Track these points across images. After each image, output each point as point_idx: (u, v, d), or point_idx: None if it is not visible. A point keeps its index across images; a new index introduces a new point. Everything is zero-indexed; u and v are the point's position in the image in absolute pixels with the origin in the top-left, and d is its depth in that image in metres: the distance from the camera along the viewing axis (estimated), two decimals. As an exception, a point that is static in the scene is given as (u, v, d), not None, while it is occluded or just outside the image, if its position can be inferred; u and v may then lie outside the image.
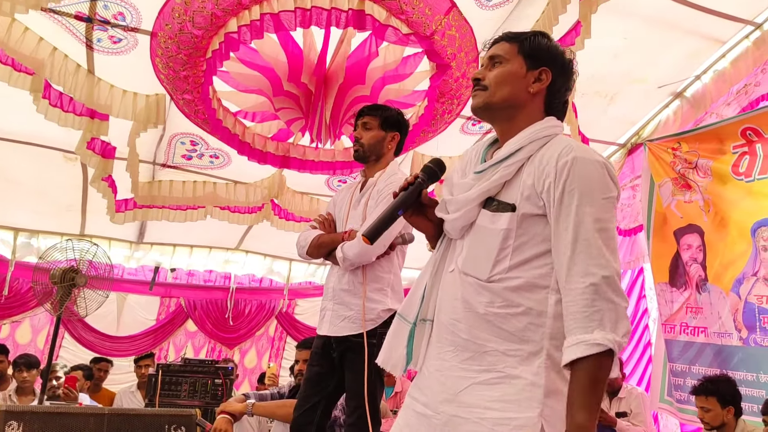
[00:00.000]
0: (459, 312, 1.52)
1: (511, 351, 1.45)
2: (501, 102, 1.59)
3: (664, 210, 4.63)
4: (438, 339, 1.57)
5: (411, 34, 3.67)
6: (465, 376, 1.48)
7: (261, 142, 4.63)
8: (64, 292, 4.36)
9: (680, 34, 4.28)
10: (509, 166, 1.52)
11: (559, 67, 1.63)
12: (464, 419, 1.45)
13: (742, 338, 3.96)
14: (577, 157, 1.44)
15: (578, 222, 1.41)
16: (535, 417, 1.39)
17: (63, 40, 3.80)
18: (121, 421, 3.36)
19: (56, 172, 5.35)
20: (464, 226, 1.58)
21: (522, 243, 1.47)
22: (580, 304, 1.37)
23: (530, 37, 1.63)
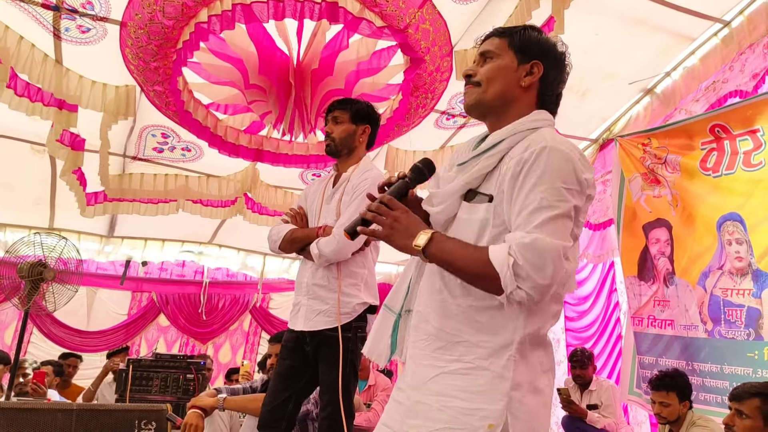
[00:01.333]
0: (435, 302, 1.53)
1: (482, 342, 1.46)
2: (493, 98, 1.58)
3: (633, 205, 4.68)
4: (415, 328, 1.58)
5: (385, 27, 3.66)
6: (435, 364, 1.49)
7: (233, 135, 4.59)
8: (31, 287, 4.27)
9: (650, 31, 4.34)
10: (489, 158, 1.51)
11: (552, 60, 1.61)
12: (427, 405, 1.46)
13: (707, 330, 4.03)
14: (546, 146, 1.42)
15: (529, 200, 1.39)
16: (500, 409, 1.40)
17: (30, 29, 3.72)
18: (90, 417, 3.30)
19: (23, 164, 5.25)
20: (447, 219, 1.58)
21: (499, 233, 1.46)
22: (523, 242, 1.35)
23: (520, 31, 1.62)
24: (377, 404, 4.88)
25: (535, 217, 1.37)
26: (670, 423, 3.65)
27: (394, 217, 1.50)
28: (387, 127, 4.42)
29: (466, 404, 1.42)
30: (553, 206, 1.38)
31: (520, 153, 1.44)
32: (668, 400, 3.61)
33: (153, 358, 4.43)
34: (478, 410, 1.41)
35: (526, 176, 1.41)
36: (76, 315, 6.85)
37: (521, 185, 1.41)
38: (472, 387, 1.43)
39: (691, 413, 3.61)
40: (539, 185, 1.39)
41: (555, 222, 1.38)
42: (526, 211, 1.39)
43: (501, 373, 1.43)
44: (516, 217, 1.41)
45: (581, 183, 1.44)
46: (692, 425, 3.52)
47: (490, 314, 1.46)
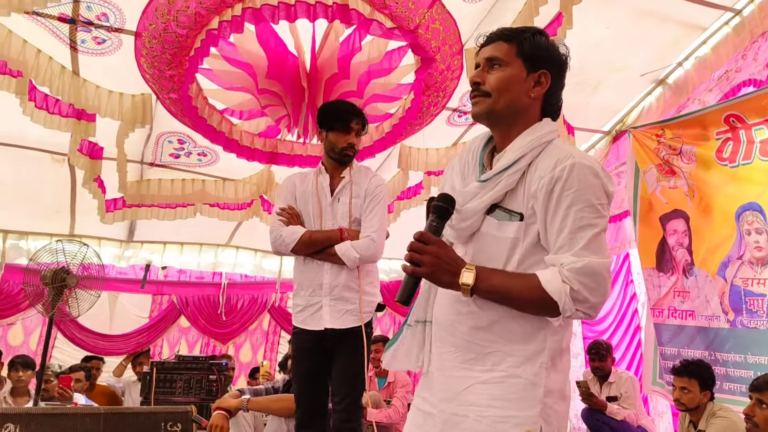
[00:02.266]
0: (461, 314, 1.54)
1: (514, 351, 1.48)
2: (504, 109, 1.57)
3: (649, 196, 4.68)
4: (439, 339, 1.59)
5: (395, 28, 3.68)
6: (467, 375, 1.51)
7: (248, 138, 4.63)
8: (55, 293, 4.37)
9: (661, 22, 4.33)
10: (512, 175, 1.52)
11: (557, 68, 1.62)
12: (464, 417, 1.48)
13: (729, 321, 4.03)
14: (575, 163, 1.45)
15: (571, 225, 1.43)
16: (535, 415, 1.44)
17: (47, 42, 3.79)
18: (117, 420, 3.38)
19: (44, 173, 5.35)
20: (470, 234, 1.59)
21: (528, 251, 1.50)
22: (574, 268, 1.42)
23: (529, 38, 1.59)
24: (397, 401, 4.94)
25: (579, 237, 1.42)
26: (689, 411, 3.67)
27: (434, 254, 1.48)
28: (400, 126, 4.45)
29: (501, 412, 1.45)
30: (593, 224, 1.44)
31: (550, 170, 1.46)
32: (689, 387, 3.63)
33: (176, 360, 4.51)
34: (513, 417, 1.44)
35: (561, 195, 1.44)
36: (98, 319, 6.96)
37: (557, 204, 1.45)
38: (507, 395, 1.46)
39: (712, 404, 3.62)
40: (576, 204, 1.43)
41: (597, 240, 1.43)
42: (568, 231, 1.43)
43: (534, 381, 1.46)
44: (557, 236, 1.45)
45: (609, 196, 1.49)
46: (713, 416, 3.53)
47: (520, 323, 1.49)
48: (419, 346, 1.64)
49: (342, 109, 2.92)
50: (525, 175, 1.52)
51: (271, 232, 2.86)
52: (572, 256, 1.41)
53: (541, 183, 1.47)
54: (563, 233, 1.44)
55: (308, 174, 3.00)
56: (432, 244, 1.49)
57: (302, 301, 2.79)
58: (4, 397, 4.97)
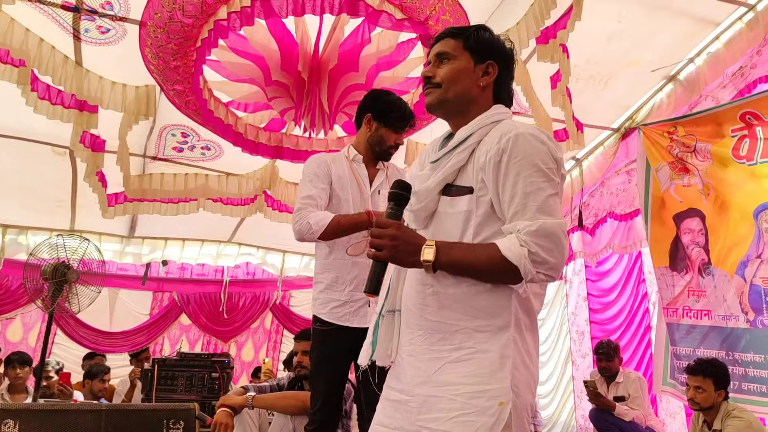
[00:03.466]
0: (427, 296, 1.58)
1: (480, 327, 1.52)
2: (454, 98, 1.66)
3: (662, 194, 4.62)
4: (407, 325, 1.63)
5: (405, 19, 3.61)
6: (437, 356, 1.54)
7: (253, 132, 4.57)
8: (55, 288, 4.30)
9: (673, 16, 4.27)
10: (461, 153, 1.59)
11: (504, 59, 1.72)
12: (439, 397, 1.50)
13: (749, 320, 3.98)
14: (519, 133, 1.52)
15: (522, 191, 1.48)
16: (507, 387, 1.47)
17: (50, 31, 3.71)
18: (120, 417, 3.31)
19: (45, 166, 5.28)
20: (427, 216, 1.64)
21: (482, 222, 1.55)
22: (528, 230, 1.46)
23: (474, 32, 1.70)
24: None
25: (530, 202, 1.47)
26: (703, 410, 3.62)
27: (391, 236, 1.54)
28: (408, 120, 4.39)
29: (474, 388, 1.48)
30: (542, 188, 1.49)
31: (496, 143, 1.53)
32: (704, 386, 3.58)
33: (178, 357, 4.44)
34: (487, 391, 1.47)
35: (509, 163, 1.50)
36: (98, 316, 6.89)
37: (506, 173, 1.50)
38: (478, 370, 1.49)
39: (726, 404, 3.57)
40: (524, 170, 1.49)
41: (549, 202, 1.49)
42: (519, 197, 1.48)
43: (503, 353, 1.49)
44: (509, 204, 1.49)
45: (557, 161, 1.54)
46: (728, 416, 3.47)
47: (484, 298, 1.53)
48: (390, 336, 1.67)
49: (406, 111, 2.76)
50: (474, 152, 1.59)
51: (297, 218, 2.60)
52: (527, 221, 1.46)
53: (488, 156, 1.53)
54: (515, 200, 1.49)
55: (337, 157, 2.81)
56: (389, 227, 1.55)
57: (342, 297, 2.62)
58: (2, 394, 4.92)
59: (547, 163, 1.51)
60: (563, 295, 7.25)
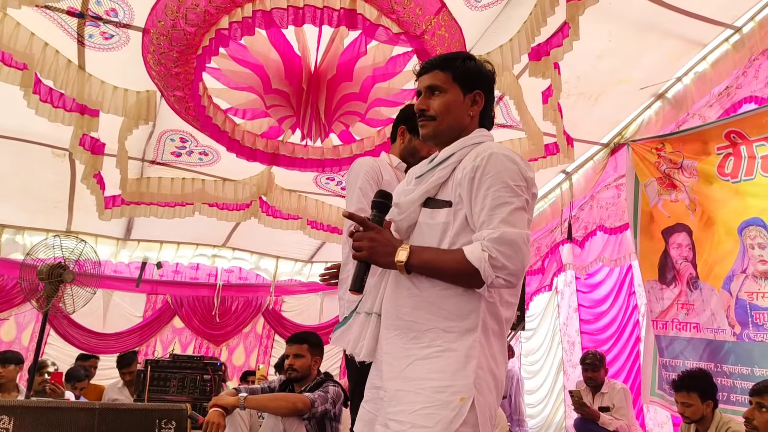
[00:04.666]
0: (404, 297, 1.70)
1: (450, 328, 1.63)
2: (447, 129, 1.80)
3: (650, 209, 4.73)
4: (385, 327, 1.75)
5: (401, 33, 3.72)
6: (408, 354, 1.66)
7: (250, 139, 4.65)
8: (51, 289, 4.34)
9: (662, 36, 4.38)
10: (443, 169, 1.74)
11: (488, 86, 1.86)
12: (406, 391, 1.61)
13: (735, 334, 4.07)
14: (493, 153, 1.66)
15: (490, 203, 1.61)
16: (469, 384, 1.57)
17: (54, 36, 3.79)
18: (113, 416, 3.35)
19: (43, 167, 5.33)
20: (409, 226, 1.77)
21: (458, 233, 1.67)
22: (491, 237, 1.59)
23: (460, 64, 1.82)
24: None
25: (496, 213, 1.60)
26: (695, 422, 3.68)
27: (370, 238, 1.69)
28: (402, 132, 4.47)
29: (438, 383, 1.58)
30: (509, 202, 1.62)
31: (472, 161, 1.67)
32: (689, 401, 3.64)
33: (170, 358, 4.48)
34: (450, 387, 1.57)
35: (481, 179, 1.64)
36: (92, 317, 6.93)
37: (478, 187, 1.64)
38: (443, 367, 1.59)
39: (718, 413, 3.63)
40: (493, 185, 1.62)
41: (513, 214, 1.61)
42: (487, 208, 1.61)
43: (468, 353, 1.60)
44: (479, 215, 1.63)
45: (527, 180, 1.68)
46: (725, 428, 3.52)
47: (455, 301, 1.64)
48: (362, 334, 1.80)
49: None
50: (455, 170, 1.73)
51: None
52: (490, 229, 1.59)
53: (464, 172, 1.67)
54: (484, 211, 1.62)
55: (383, 163, 2.70)
56: (369, 230, 1.71)
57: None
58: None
59: (516, 180, 1.64)
60: (555, 306, 7.34)
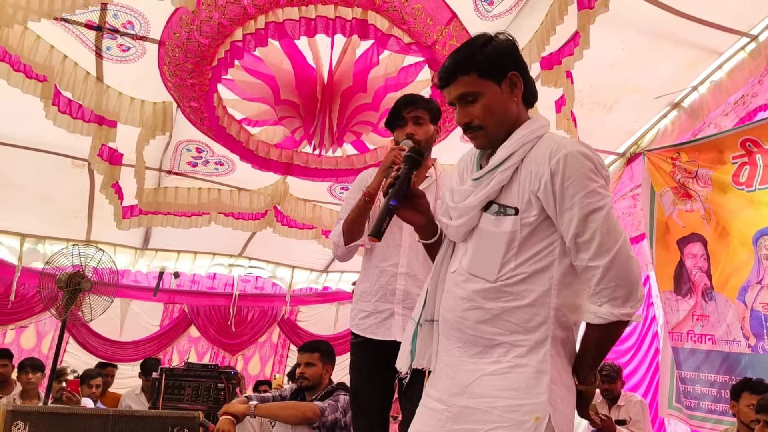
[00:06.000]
0: (466, 310, 1.58)
1: (518, 342, 1.52)
2: (499, 129, 1.62)
3: (666, 219, 4.67)
4: (446, 336, 1.63)
5: (413, 43, 3.75)
6: (474, 369, 1.55)
7: (265, 149, 4.71)
8: (69, 297, 4.41)
9: (676, 45, 4.35)
10: (504, 171, 1.57)
11: (519, 60, 1.66)
12: (474, 409, 1.51)
13: (750, 346, 3.98)
14: (567, 153, 1.52)
15: (579, 213, 1.49)
16: (544, 402, 1.47)
17: (73, 48, 3.89)
18: (126, 423, 3.38)
19: (63, 178, 5.43)
20: (467, 231, 1.64)
21: (525, 242, 1.55)
22: (592, 283, 1.51)
23: (480, 59, 1.60)
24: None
25: (588, 225, 1.48)
26: None
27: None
28: (414, 142, 4.50)
29: (510, 402, 1.48)
30: (598, 207, 1.49)
31: (547, 164, 1.52)
32: None
33: (185, 367, 4.52)
34: (523, 405, 1.47)
35: (563, 187, 1.50)
36: (110, 325, 7.02)
37: (561, 197, 1.51)
38: (514, 384, 1.49)
39: None
40: (578, 192, 1.49)
41: (606, 222, 1.49)
42: (577, 220, 1.49)
43: (540, 368, 1.50)
44: (568, 227, 1.50)
45: (605, 178, 1.55)
46: None
47: (521, 313, 1.53)
48: (428, 344, 1.68)
49: (395, 105, 2.63)
50: (518, 170, 1.58)
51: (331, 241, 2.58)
52: (589, 255, 1.48)
53: (543, 180, 1.52)
54: (573, 222, 1.50)
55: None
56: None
57: (368, 307, 2.54)
58: (14, 399, 5.01)
59: (598, 179, 1.51)
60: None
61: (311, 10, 3.49)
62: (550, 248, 1.55)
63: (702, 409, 4.32)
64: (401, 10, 3.56)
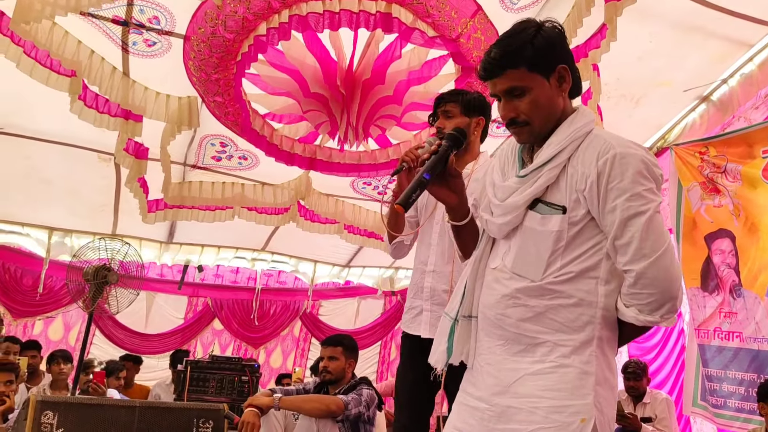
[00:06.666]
0: (508, 307, 1.55)
1: (563, 341, 1.49)
2: (545, 125, 1.58)
3: (693, 214, 4.60)
4: (486, 334, 1.60)
5: (437, 36, 3.72)
6: (517, 368, 1.52)
7: (288, 144, 4.72)
8: (96, 289, 4.48)
9: (706, 37, 4.27)
10: (552, 169, 1.53)
11: (567, 53, 1.60)
12: (518, 409, 1.49)
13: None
14: (616, 154, 1.47)
15: (620, 216, 1.45)
16: (590, 403, 1.44)
17: (100, 43, 3.93)
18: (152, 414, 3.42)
19: (90, 172, 5.50)
20: (511, 229, 1.60)
21: (572, 240, 1.51)
22: (626, 284, 1.48)
23: (530, 49, 1.53)
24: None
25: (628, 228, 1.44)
26: None
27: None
28: (438, 135, 4.48)
29: (555, 402, 1.46)
30: (641, 212, 1.44)
31: (594, 164, 1.48)
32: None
33: (210, 360, 4.56)
34: (568, 407, 1.45)
35: (608, 188, 1.46)
36: (135, 318, 7.12)
37: (605, 197, 1.47)
38: (559, 385, 1.47)
39: None
40: (622, 194, 1.45)
41: (649, 228, 1.44)
42: (618, 222, 1.45)
43: (585, 369, 1.47)
44: (610, 228, 1.47)
45: (656, 179, 1.50)
46: None
47: (567, 312, 1.51)
48: (466, 341, 1.65)
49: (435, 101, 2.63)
50: (566, 167, 1.53)
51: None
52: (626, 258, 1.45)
53: (589, 180, 1.48)
54: (615, 225, 1.46)
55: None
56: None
57: (408, 304, 2.64)
58: (43, 389, 5.10)
59: (646, 183, 1.46)
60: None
61: (335, 4, 3.48)
62: (598, 247, 1.51)
63: (729, 408, 4.25)
64: (426, 3, 3.53)
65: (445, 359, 1.67)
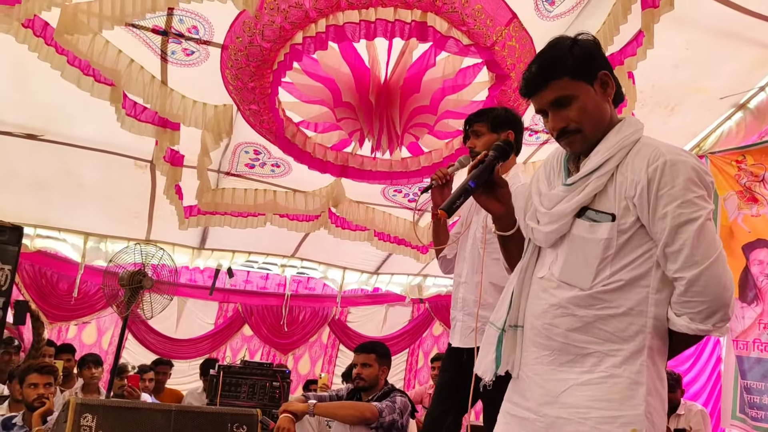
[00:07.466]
0: (556, 317, 1.54)
1: (612, 351, 1.48)
2: (594, 132, 1.58)
3: (730, 224, 4.55)
4: (533, 344, 1.59)
5: (471, 45, 3.73)
6: (565, 378, 1.51)
7: (321, 151, 4.76)
8: (131, 294, 4.55)
9: (743, 44, 4.22)
10: (600, 177, 1.53)
11: (606, 61, 1.63)
12: (567, 420, 1.48)
13: (816, 355, 3.86)
14: (666, 161, 1.47)
15: (671, 223, 1.44)
16: (641, 414, 1.42)
17: (139, 53, 4.01)
18: (187, 418, 3.46)
19: (126, 178, 5.59)
20: (558, 237, 1.59)
21: (622, 248, 1.50)
22: (677, 293, 1.47)
23: (571, 59, 1.56)
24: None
25: (679, 235, 1.43)
26: None
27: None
28: (471, 143, 4.48)
29: (605, 413, 1.44)
30: (692, 219, 1.44)
31: (644, 172, 1.48)
32: None
33: (241, 365, 4.60)
34: (619, 417, 1.43)
35: (658, 195, 1.46)
36: (166, 323, 7.18)
37: (655, 205, 1.46)
38: (609, 395, 1.45)
39: None
40: (672, 201, 1.45)
41: (699, 236, 1.43)
42: (668, 230, 1.45)
43: (636, 379, 1.45)
44: (660, 235, 1.46)
45: (706, 186, 1.48)
46: None
47: (617, 322, 1.49)
48: (512, 351, 1.64)
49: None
50: (614, 175, 1.53)
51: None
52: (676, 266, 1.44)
53: (639, 187, 1.48)
54: (665, 232, 1.45)
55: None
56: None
57: (451, 315, 2.72)
58: (76, 392, 5.17)
59: (697, 190, 1.45)
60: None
61: (371, 13, 3.52)
62: (648, 254, 1.50)
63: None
64: (461, 11, 3.54)
65: (493, 369, 1.66)
